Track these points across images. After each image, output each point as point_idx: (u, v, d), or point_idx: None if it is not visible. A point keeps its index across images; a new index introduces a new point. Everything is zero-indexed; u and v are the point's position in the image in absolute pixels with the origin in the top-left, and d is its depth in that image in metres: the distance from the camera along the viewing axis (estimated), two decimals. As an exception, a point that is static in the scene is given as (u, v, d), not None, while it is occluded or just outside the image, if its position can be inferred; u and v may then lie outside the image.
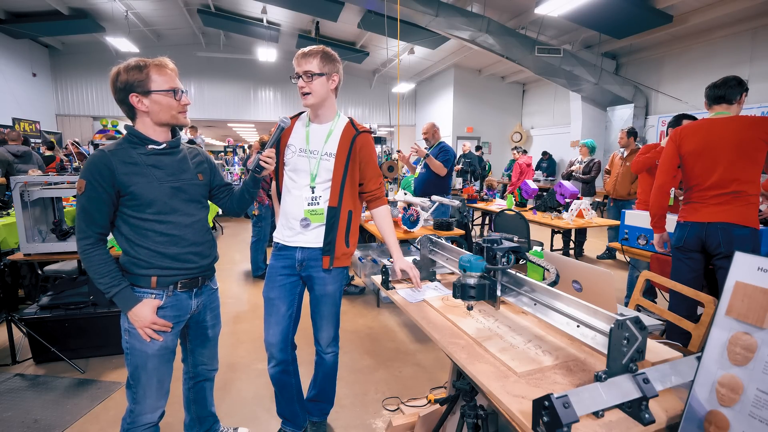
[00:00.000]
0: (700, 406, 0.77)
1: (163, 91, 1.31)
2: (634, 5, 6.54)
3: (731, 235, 2.02)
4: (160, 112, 1.33)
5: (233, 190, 1.62)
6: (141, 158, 1.32)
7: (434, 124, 4.26)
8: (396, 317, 3.32)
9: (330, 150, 1.63)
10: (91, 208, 1.27)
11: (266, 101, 13.29)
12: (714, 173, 2.09)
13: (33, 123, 10.20)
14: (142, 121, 1.34)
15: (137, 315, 1.32)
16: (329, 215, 1.63)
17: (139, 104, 1.31)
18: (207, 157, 1.57)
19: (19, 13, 8.94)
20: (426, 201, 3.58)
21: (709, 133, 2.13)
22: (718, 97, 2.16)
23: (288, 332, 1.75)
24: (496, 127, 12.86)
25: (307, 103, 1.59)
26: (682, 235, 2.19)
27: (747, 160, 2.01)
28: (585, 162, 5.49)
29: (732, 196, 2.04)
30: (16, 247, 3.17)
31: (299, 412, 1.83)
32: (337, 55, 1.62)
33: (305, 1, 8.01)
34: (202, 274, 1.47)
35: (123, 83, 1.29)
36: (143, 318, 1.32)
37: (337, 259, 1.67)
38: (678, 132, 2.25)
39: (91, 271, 1.29)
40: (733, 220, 2.02)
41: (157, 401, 1.42)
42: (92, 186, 1.25)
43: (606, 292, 1.02)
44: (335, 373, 1.87)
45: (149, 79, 1.29)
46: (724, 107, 2.15)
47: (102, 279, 1.29)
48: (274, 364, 1.75)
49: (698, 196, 2.16)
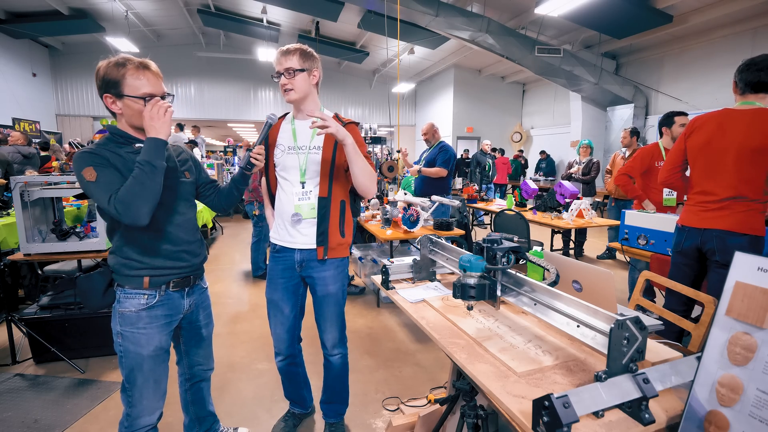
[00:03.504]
0: (700, 406, 0.77)
1: (134, 98, 1.26)
2: (634, 5, 6.55)
3: (726, 244, 1.88)
4: (132, 117, 1.30)
5: (218, 187, 1.63)
6: (129, 156, 1.31)
7: (433, 125, 4.27)
8: (396, 317, 3.32)
9: (317, 143, 1.64)
10: (114, 178, 1.22)
11: (266, 101, 13.30)
12: (714, 175, 1.93)
13: (33, 123, 10.20)
14: (121, 121, 1.33)
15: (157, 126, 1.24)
16: (320, 206, 1.64)
17: (113, 106, 1.29)
18: (191, 155, 1.57)
19: (19, 13, 8.95)
20: (426, 201, 3.58)
21: (718, 128, 1.92)
22: (761, 84, 1.79)
23: (294, 330, 1.80)
24: (496, 127, 12.87)
25: (290, 98, 1.61)
26: (680, 240, 2.08)
27: (751, 162, 1.82)
28: (584, 163, 5.49)
29: (731, 202, 1.88)
30: (16, 247, 3.17)
31: (306, 396, 1.98)
32: (314, 52, 1.65)
33: (305, 1, 8.02)
34: (193, 272, 1.47)
35: (101, 80, 1.26)
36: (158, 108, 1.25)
37: (332, 249, 1.67)
38: (692, 121, 2.07)
39: (139, 184, 1.19)
40: (729, 227, 1.88)
41: (156, 402, 1.41)
42: (102, 165, 1.22)
43: (606, 292, 1.02)
44: (346, 374, 1.87)
45: (124, 81, 1.25)
46: (761, 97, 1.83)
47: (154, 162, 1.21)
48: (282, 359, 1.83)
49: (697, 198, 2.02)
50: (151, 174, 1.21)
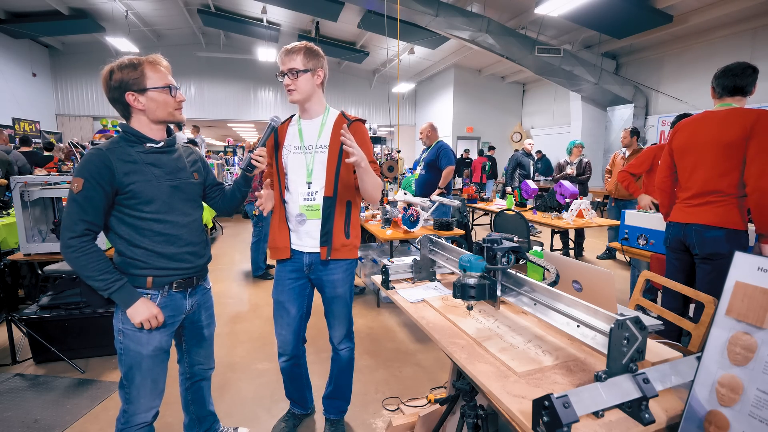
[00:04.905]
0: (700, 406, 0.77)
1: (159, 88, 1.31)
2: (634, 5, 6.55)
3: (703, 238, 1.99)
4: (157, 110, 1.32)
5: (224, 189, 1.63)
6: (139, 156, 1.32)
7: (431, 125, 4.26)
8: (396, 317, 3.32)
9: (324, 142, 1.62)
10: (87, 206, 1.24)
11: (266, 101, 13.30)
12: (694, 172, 2.05)
13: (33, 123, 10.20)
14: (138, 119, 1.34)
15: (139, 309, 1.30)
16: (325, 205, 1.62)
17: (136, 102, 1.30)
18: (200, 156, 1.57)
19: (19, 13, 8.95)
20: (426, 201, 3.58)
21: (695, 130, 2.07)
22: (736, 88, 1.97)
23: (299, 331, 1.80)
24: (496, 127, 12.87)
25: (293, 99, 1.59)
26: (667, 235, 2.20)
27: (725, 157, 1.93)
28: (575, 163, 5.49)
29: (710, 197, 1.99)
30: (16, 247, 3.17)
31: (307, 396, 1.99)
32: (320, 50, 1.62)
33: (305, 1, 8.02)
34: (196, 273, 1.47)
35: (118, 81, 1.27)
36: (146, 311, 1.30)
37: (336, 250, 1.65)
38: (676, 125, 2.21)
39: (89, 268, 1.25)
40: (707, 221, 1.98)
41: (152, 401, 1.41)
42: (90, 184, 1.23)
43: (606, 292, 1.02)
44: (351, 369, 1.88)
45: (144, 76, 1.28)
46: (737, 99, 1.98)
47: (101, 276, 1.26)
48: (286, 359, 1.82)
49: (682, 195, 2.14)
50: (90, 281, 1.27)
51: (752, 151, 1.85)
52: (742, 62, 1.98)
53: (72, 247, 1.23)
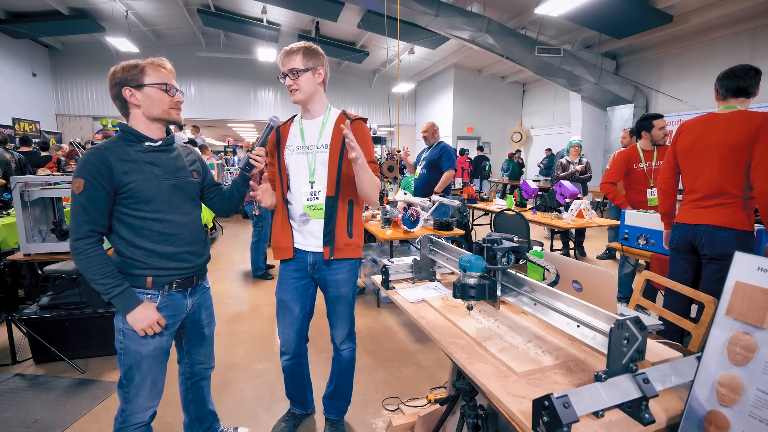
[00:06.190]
0: (700, 406, 0.77)
1: (155, 85, 1.32)
2: (634, 5, 6.55)
3: (713, 238, 2.00)
4: (152, 106, 1.33)
5: (222, 190, 1.63)
6: (138, 155, 1.32)
7: (434, 124, 4.26)
8: (396, 317, 3.32)
9: (325, 142, 1.63)
10: (90, 207, 1.25)
11: (266, 101, 13.30)
12: (700, 174, 2.06)
13: (33, 123, 10.21)
14: (135, 116, 1.35)
15: (139, 316, 1.31)
16: (327, 205, 1.62)
17: (132, 98, 1.31)
18: (199, 156, 1.58)
19: (19, 13, 8.95)
20: (426, 201, 3.58)
21: (701, 132, 2.07)
22: (740, 90, 1.98)
23: (302, 330, 1.80)
24: (496, 127, 12.88)
25: (295, 99, 1.60)
26: (674, 236, 2.20)
27: (732, 160, 1.95)
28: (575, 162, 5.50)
29: (718, 198, 2.00)
30: (16, 247, 3.17)
31: (308, 396, 1.99)
32: (320, 48, 1.62)
33: (305, 1, 8.02)
34: (196, 273, 1.48)
35: (118, 79, 1.30)
36: (146, 319, 1.31)
37: (339, 250, 1.65)
38: (680, 126, 2.21)
39: (92, 272, 1.26)
40: (716, 222, 1.99)
41: (150, 401, 1.41)
42: (91, 185, 1.24)
43: (606, 292, 1.02)
44: (352, 369, 1.88)
45: (144, 73, 1.31)
46: (741, 101, 2.00)
47: (103, 280, 1.26)
48: (288, 358, 1.83)
49: (688, 197, 2.14)
50: (92, 284, 1.28)
51: (758, 155, 1.87)
52: (745, 64, 2.00)
53: (77, 249, 1.25)
